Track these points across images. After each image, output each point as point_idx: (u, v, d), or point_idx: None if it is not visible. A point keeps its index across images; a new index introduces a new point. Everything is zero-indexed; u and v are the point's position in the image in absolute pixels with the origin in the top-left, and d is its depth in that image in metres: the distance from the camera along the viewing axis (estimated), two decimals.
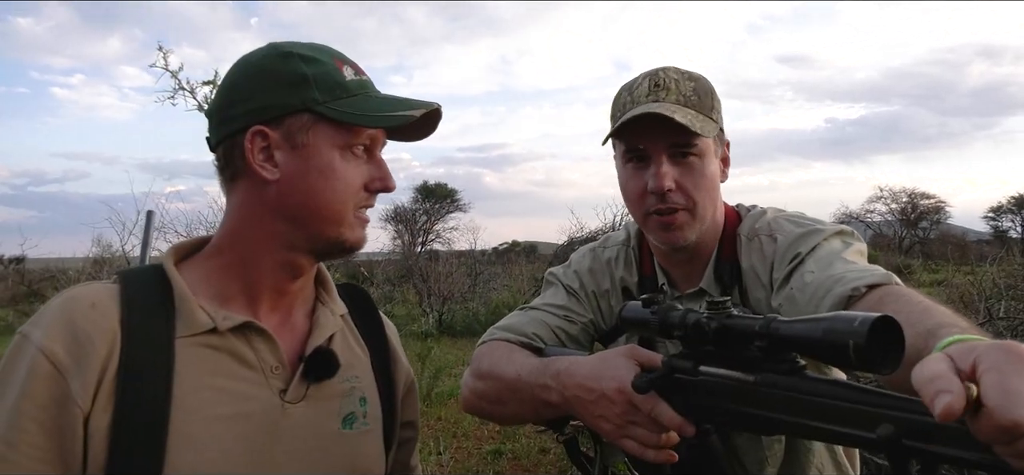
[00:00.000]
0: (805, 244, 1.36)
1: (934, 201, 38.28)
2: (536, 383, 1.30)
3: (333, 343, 1.22)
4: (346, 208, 1.13)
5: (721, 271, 1.48)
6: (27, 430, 0.97)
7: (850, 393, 0.86)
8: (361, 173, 1.15)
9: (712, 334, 1.01)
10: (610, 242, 1.66)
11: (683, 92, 1.41)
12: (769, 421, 0.96)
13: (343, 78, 1.13)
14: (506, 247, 36.25)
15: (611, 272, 1.60)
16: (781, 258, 1.38)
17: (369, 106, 1.13)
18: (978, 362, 0.68)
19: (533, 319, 1.54)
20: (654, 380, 1.09)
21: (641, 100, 1.43)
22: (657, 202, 1.41)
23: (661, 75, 1.44)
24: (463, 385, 1.52)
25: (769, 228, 1.46)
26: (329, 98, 1.11)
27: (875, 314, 0.81)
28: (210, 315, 1.09)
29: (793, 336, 0.90)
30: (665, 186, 1.38)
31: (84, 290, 1.08)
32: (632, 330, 1.23)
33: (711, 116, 1.42)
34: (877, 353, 0.81)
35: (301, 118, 1.10)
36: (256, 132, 1.10)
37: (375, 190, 1.17)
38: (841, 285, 1.20)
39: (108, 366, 1.01)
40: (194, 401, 1.05)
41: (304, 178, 1.11)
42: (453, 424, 7.00)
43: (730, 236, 1.50)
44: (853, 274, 1.22)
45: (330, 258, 1.21)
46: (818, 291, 1.23)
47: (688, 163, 1.40)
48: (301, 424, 1.13)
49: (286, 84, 1.10)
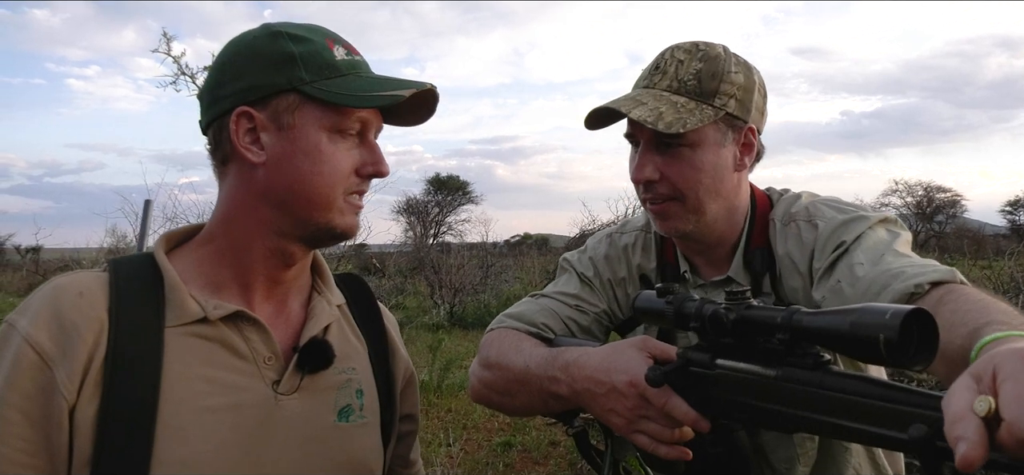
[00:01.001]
0: (849, 232, 1.28)
1: (950, 194, 37.89)
2: (545, 375, 1.26)
3: (329, 334, 1.19)
4: (334, 192, 1.09)
5: (751, 258, 1.41)
6: (12, 421, 0.95)
7: (880, 390, 0.81)
8: (351, 157, 1.11)
9: (731, 326, 0.97)
10: (628, 227, 1.60)
11: (680, 76, 1.33)
12: (791, 418, 0.91)
13: (333, 58, 1.09)
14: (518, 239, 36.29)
15: (628, 259, 1.54)
16: (823, 246, 1.30)
17: (358, 86, 1.09)
18: (997, 371, 0.65)
19: (543, 308, 1.50)
20: (668, 373, 1.05)
21: (640, 83, 1.38)
22: (644, 191, 1.38)
23: (667, 56, 1.38)
24: (471, 374, 1.48)
25: (808, 213, 1.37)
26: (316, 78, 1.07)
27: (908, 306, 0.77)
28: (201, 304, 1.07)
29: (818, 329, 0.86)
30: (642, 177, 1.35)
31: (72, 278, 1.05)
32: (646, 321, 1.18)
33: (712, 102, 1.32)
34: (908, 348, 0.77)
35: (288, 98, 1.07)
36: (241, 113, 1.07)
37: (367, 175, 1.13)
38: (900, 281, 1.11)
39: (95, 356, 0.99)
40: (184, 392, 1.02)
41: (290, 161, 1.07)
42: (463, 416, 7.00)
43: (761, 221, 1.42)
44: (914, 269, 1.13)
45: (321, 245, 1.18)
46: (872, 286, 1.15)
47: (676, 152, 1.33)
48: (295, 416, 1.10)
49: (273, 64, 1.07)
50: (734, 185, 1.40)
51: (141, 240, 1.53)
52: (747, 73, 1.37)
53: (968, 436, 0.61)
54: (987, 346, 0.83)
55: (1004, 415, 0.61)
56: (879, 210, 1.34)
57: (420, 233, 32.38)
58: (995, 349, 0.70)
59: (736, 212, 1.42)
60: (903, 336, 0.76)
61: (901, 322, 0.76)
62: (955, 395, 0.66)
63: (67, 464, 0.97)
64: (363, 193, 1.15)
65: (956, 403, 0.65)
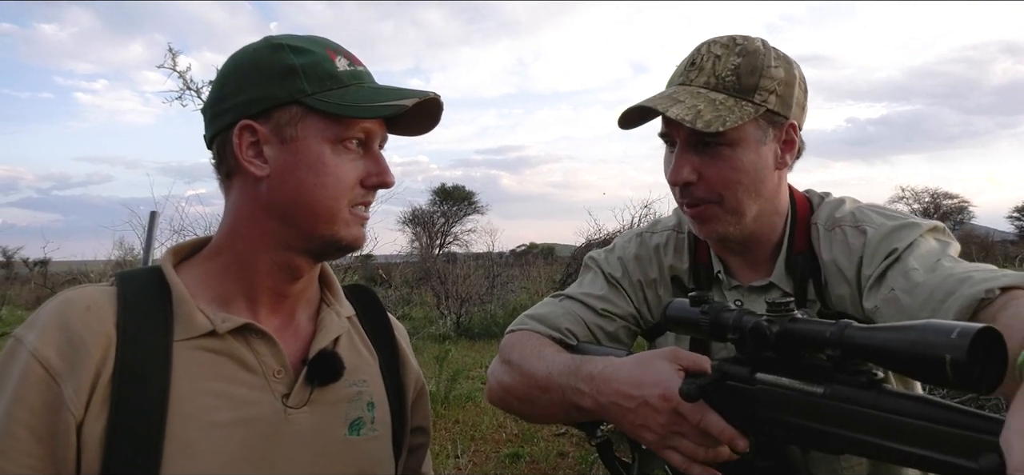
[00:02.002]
0: (901, 239, 1.22)
1: (957, 201, 37.72)
2: (568, 385, 1.20)
3: (338, 346, 1.17)
4: (339, 204, 1.08)
5: (794, 263, 1.35)
6: (19, 437, 0.94)
7: (944, 414, 0.76)
8: (356, 168, 1.10)
9: (774, 339, 0.92)
10: (659, 227, 1.53)
11: (718, 72, 1.28)
12: (839, 439, 0.86)
13: (335, 68, 1.09)
14: (524, 249, 36.21)
15: (660, 259, 1.48)
16: (873, 253, 1.24)
17: (360, 97, 1.08)
18: None
19: (568, 312, 1.43)
20: (705, 387, 0.99)
21: (676, 80, 1.33)
22: (681, 193, 1.32)
23: (703, 51, 1.32)
24: (490, 375, 1.42)
25: (854, 219, 1.31)
26: (318, 89, 1.06)
27: (976, 325, 0.72)
28: (209, 317, 1.06)
29: (874, 346, 0.81)
30: (680, 179, 1.29)
31: (80, 293, 1.05)
32: (678, 331, 1.12)
33: (752, 98, 1.27)
34: (976, 370, 0.72)
35: (290, 111, 1.06)
36: (244, 127, 1.06)
37: (371, 185, 1.12)
38: (968, 286, 1.04)
39: (103, 371, 0.98)
40: (192, 406, 1.01)
41: (293, 173, 1.06)
42: (471, 427, 6.96)
43: (802, 224, 1.36)
44: (982, 274, 1.06)
45: (328, 258, 1.17)
46: (936, 292, 1.09)
47: (715, 152, 1.27)
48: (305, 430, 1.09)
49: (274, 76, 1.06)
50: (775, 185, 1.35)
51: (147, 252, 1.52)
52: (787, 67, 1.32)
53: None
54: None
55: None
56: (929, 220, 1.28)
57: (426, 243, 32.37)
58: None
59: (776, 214, 1.37)
60: (971, 356, 0.71)
61: (970, 342, 0.71)
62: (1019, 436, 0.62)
63: None
64: (369, 204, 1.14)
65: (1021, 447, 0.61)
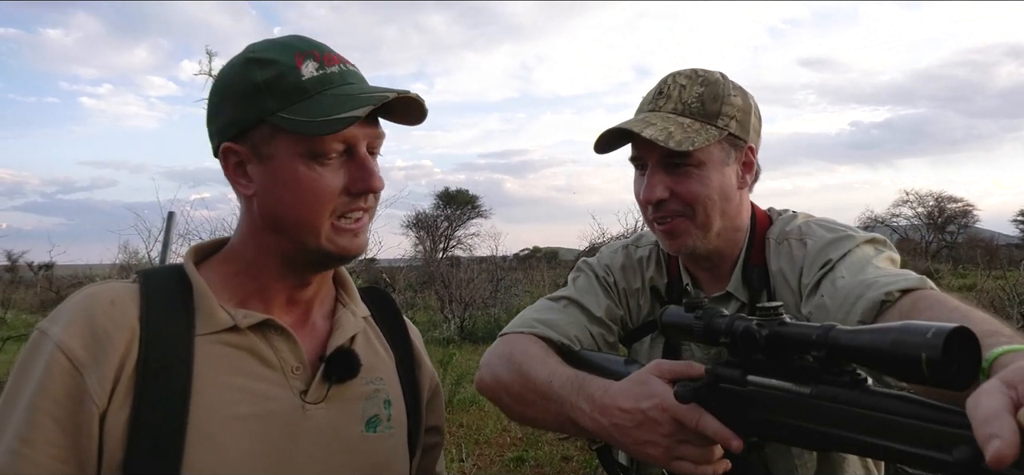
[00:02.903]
0: (836, 250, 1.32)
1: (962, 205, 37.70)
2: (569, 401, 1.24)
3: (355, 344, 1.19)
4: (318, 219, 1.07)
5: (749, 275, 1.45)
6: (44, 426, 0.96)
7: (922, 410, 0.79)
8: (337, 177, 1.07)
9: (764, 342, 0.95)
10: (643, 241, 1.62)
11: (684, 99, 1.40)
12: (825, 437, 0.90)
13: (299, 78, 1.05)
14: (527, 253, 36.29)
15: (642, 271, 1.58)
16: (811, 263, 1.35)
17: (321, 109, 1.03)
18: None
19: (574, 320, 1.49)
20: (698, 390, 1.03)
21: (645, 107, 1.44)
22: (654, 211, 1.41)
23: (669, 82, 1.45)
24: (484, 365, 1.46)
25: (799, 232, 1.43)
26: (282, 105, 1.04)
27: (950, 325, 0.75)
28: (229, 313, 1.08)
29: (856, 347, 0.84)
30: (653, 197, 1.39)
31: (104, 287, 1.07)
32: (673, 336, 1.16)
33: (715, 123, 1.39)
34: (951, 368, 0.75)
35: (261, 130, 1.06)
36: (226, 150, 1.09)
37: (357, 192, 1.09)
38: (873, 290, 1.16)
39: (126, 363, 1.00)
40: (213, 399, 1.03)
41: (274, 191, 1.07)
42: (475, 431, 6.98)
43: (759, 240, 1.47)
44: (886, 278, 1.17)
45: (327, 268, 1.17)
46: (849, 296, 1.19)
47: (684, 172, 1.38)
48: (322, 426, 1.10)
49: (243, 98, 1.06)
50: (737, 203, 1.46)
51: (165, 250, 1.55)
52: (744, 97, 1.45)
53: (1004, 434, 0.62)
54: (1001, 359, 0.82)
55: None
56: (869, 233, 1.39)
57: (430, 248, 32.42)
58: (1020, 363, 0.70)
59: (738, 230, 1.48)
60: (946, 355, 0.74)
61: (944, 341, 0.74)
62: (986, 395, 0.66)
63: (97, 470, 0.98)
64: (363, 210, 1.11)
65: (988, 403, 0.65)
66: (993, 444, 0.62)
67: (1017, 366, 0.69)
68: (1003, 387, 0.66)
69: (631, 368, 1.25)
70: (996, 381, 0.67)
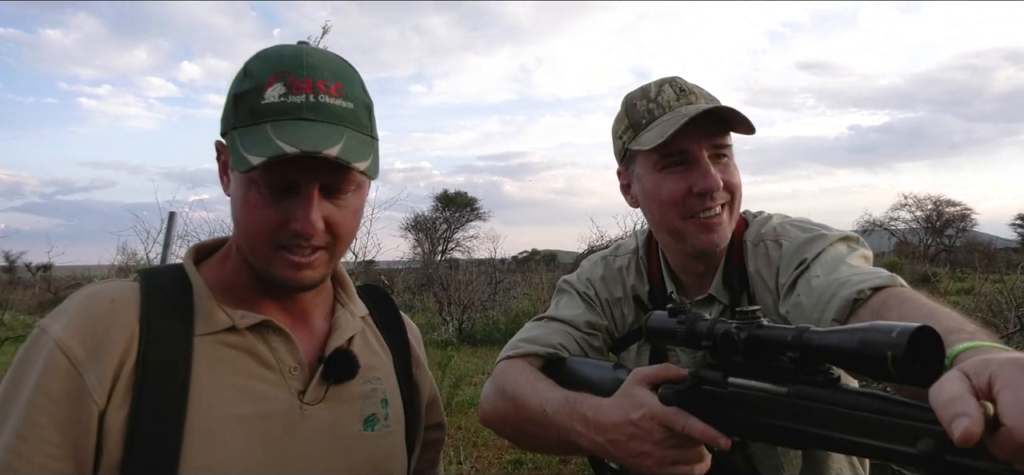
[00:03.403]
0: (810, 249, 1.34)
1: (960, 208, 37.68)
2: (563, 424, 1.25)
3: (353, 345, 1.20)
4: (258, 242, 1.06)
5: (730, 277, 1.46)
6: (39, 424, 0.97)
7: (889, 406, 0.82)
8: (275, 211, 1.04)
9: (742, 344, 0.98)
10: (621, 251, 1.64)
11: (707, 98, 1.42)
12: (803, 434, 0.92)
13: (258, 101, 1.02)
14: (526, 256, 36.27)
15: (623, 280, 1.59)
16: (787, 264, 1.37)
17: (255, 142, 0.99)
18: (994, 379, 0.66)
19: (557, 330, 1.51)
20: (681, 392, 1.06)
21: (672, 105, 1.41)
22: (701, 204, 1.39)
23: (679, 81, 1.45)
24: (483, 399, 1.49)
25: (775, 233, 1.44)
26: (239, 124, 1.04)
27: (914, 324, 0.78)
28: (228, 314, 1.09)
29: (827, 346, 0.87)
30: (718, 185, 1.38)
31: (104, 287, 1.08)
32: (658, 340, 1.19)
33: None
34: (916, 365, 0.78)
35: (230, 138, 1.07)
36: (218, 145, 1.12)
37: (292, 233, 1.04)
38: (846, 288, 1.18)
39: (126, 362, 1.01)
40: (212, 398, 1.04)
41: (233, 201, 1.10)
42: (473, 433, 6.97)
43: (738, 242, 1.49)
44: (858, 277, 1.20)
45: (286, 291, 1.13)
46: (823, 295, 1.22)
47: (726, 163, 1.42)
48: (320, 425, 1.12)
49: (228, 102, 1.09)
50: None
51: (165, 250, 1.56)
52: None
53: (969, 412, 0.63)
54: (963, 355, 0.85)
55: (1004, 421, 0.63)
56: (843, 231, 1.41)
57: (428, 250, 32.40)
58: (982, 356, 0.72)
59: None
60: (910, 353, 0.77)
61: (908, 339, 0.77)
62: (947, 382, 0.68)
63: (94, 467, 0.99)
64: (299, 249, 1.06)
65: (949, 388, 0.67)
66: (960, 422, 0.63)
67: (977, 360, 0.70)
68: (962, 375, 0.68)
69: (620, 373, 1.27)
70: (955, 371, 0.69)
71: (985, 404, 0.64)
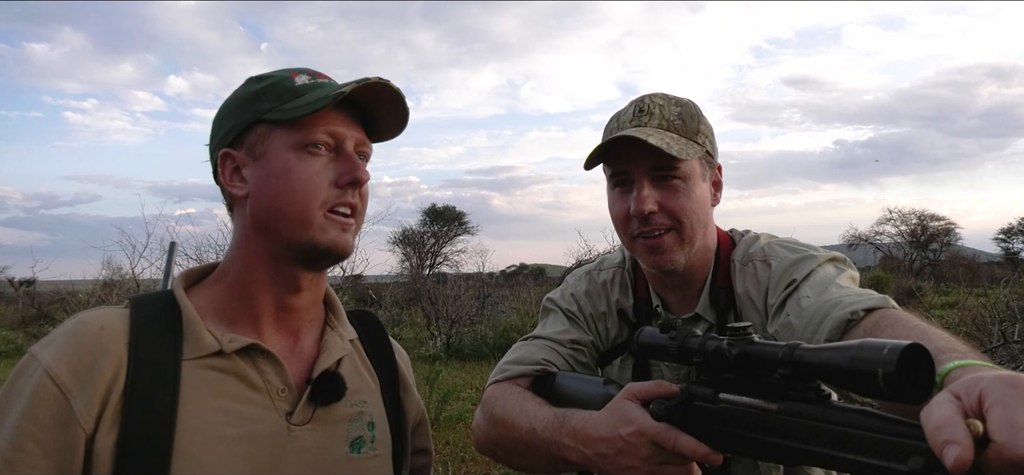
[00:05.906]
0: (800, 270, 1.35)
1: (944, 223, 38.11)
2: (553, 441, 1.26)
3: (341, 367, 1.22)
4: (310, 207, 1.12)
5: (716, 296, 1.47)
6: (27, 450, 0.98)
7: (879, 423, 0.82)
8: (327, 170, 1.14)
9: (733, 361, 0.98)
10: (606, 265, 1.65)
11: (666, 117, 1.42)
12: (793, 451, 0.93)
13: (292, 84, 1.16)
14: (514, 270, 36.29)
15: (607, 295, 1.60)
16: (776, 284, 1.38)
17: (310, 99, 1.13)
18: (984, 396, 0.67)
19: (542, 346, 1.52)
20: (672, 408, 1.06)
21: (625, 125, 1.44)
22: (641, 225, 1.41)
23: (647, 101, 1.46)
24: (475, 427, 1.50)
25: (763, 253, 1.46)
26: (277, 104, 1.14)
27: (904, 342, 0.79)
28: (216, 338, 1.10)
29: (818, 364, 0.87)
30: (646, 209, 1.39)
31: (95, 314, 1.09)
32: (649, 356, 1.19)
33: (696, 140, 1.42)
34: (907, 382, 0.79)
35: (256, 130, 1.14)
36: (223, 155, 1.16)
37: (344, 184, 1.15)
38: (838, 309, 1.19)
39: (114, 387, 1.02)
40: (199, 422, 1.05)
41: (267, 184, 1.13)
42: (461, 448, 6.95)
43: (724, 261, 1.50)
44: (850, 298, 1.21)
45: (317, 266, 1.19)
46: (815, 316, 1.22)
47: (672, 185, 1.41)
48: (308, 447, 1.13)
49: (242, 105, 1.16)
50: (712, 221, 1.51)
51: (166, 280, 1.58)
52: (709, 121, 1.50)
53: (958, 439, 0.64)
54: (953, 373, 0.86)
55: (995, 438, 0.64)
56: (830, 252, 1.42)
57: (416, 264, 32.38)
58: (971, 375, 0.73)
59: (708, 250, 1.50)
60: (901, 370, 0.78)
61: (899, 357, 0.77)
62: (937, 406, 0.69)
63: None
64: (350, 206, 1.16)
65: (939, 412, 0.68)
66: (951, 450, 0.64)
67: (967, 378, 0.71)
68: (952, 397, 0.69)
69: (611, 388, 1.27)
70: (946, 392, 0.71)
71: (974, 423, 0.65)
